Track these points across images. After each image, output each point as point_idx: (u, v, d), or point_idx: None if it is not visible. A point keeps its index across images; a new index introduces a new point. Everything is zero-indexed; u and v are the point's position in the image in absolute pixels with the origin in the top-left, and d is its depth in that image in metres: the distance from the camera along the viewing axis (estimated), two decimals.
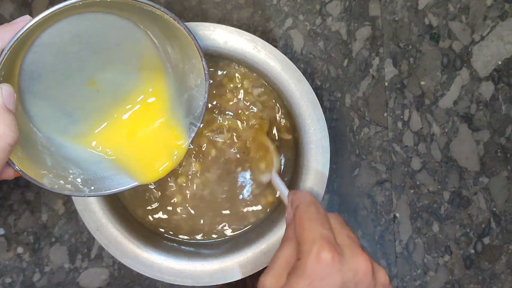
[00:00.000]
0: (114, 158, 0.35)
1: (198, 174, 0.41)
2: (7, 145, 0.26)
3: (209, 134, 0.41)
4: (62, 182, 0.32)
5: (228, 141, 0.41)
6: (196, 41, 0.32)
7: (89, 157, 0.35)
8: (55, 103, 0.33)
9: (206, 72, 0.34)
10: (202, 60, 0.33)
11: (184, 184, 0.41)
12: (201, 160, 0.41)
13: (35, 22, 0.27)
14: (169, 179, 0.41)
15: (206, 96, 0.35)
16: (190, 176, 0.41)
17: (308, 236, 0.29)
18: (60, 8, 0.27)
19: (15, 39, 0.27)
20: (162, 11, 0.30)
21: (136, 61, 0.35)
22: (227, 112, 0.41)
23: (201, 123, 0.36)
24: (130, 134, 0.36)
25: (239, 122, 0.41)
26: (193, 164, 0.41)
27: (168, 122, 0.36)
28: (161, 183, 0.41)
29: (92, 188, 0.33)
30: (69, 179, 0.33)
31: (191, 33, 0.32)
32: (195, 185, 0.41)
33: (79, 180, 0.33)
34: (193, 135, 0.36)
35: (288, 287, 0.28)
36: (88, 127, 0.35)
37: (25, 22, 0.27)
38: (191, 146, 0.40)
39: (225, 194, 0.41)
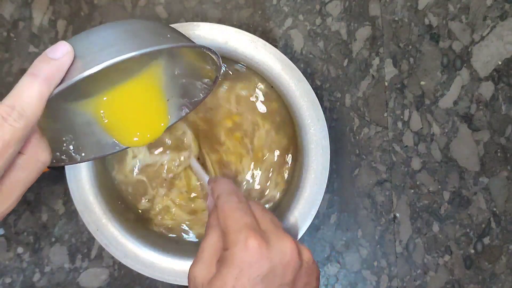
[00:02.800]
0: (107, 122, 0.36)
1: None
2: (44, 166, 0.27)
3: None
4: (58, 154, 0.33)
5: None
6: (220, 61, 0.32)
7: (84, 119, 0.35)
8: None
9: (218, 79, 0.34)
10: (219, 73, 0.33)
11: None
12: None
13: (88, 74, 0.26)
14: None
15: (208, 93, 0.35)
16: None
17: (233, 226, 0.29)
18: (117, 60, 0.26)
19: (62, 87, 0.26)
20: (205, 50, 0.30)
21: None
22: None
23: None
24: (123, 101, 0.36)
25: None
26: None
27: (158, 97, 0.36)
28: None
29: (83, 154, 0.34)
30: (63, 148, 0.33)
31: (220, 59, 0.32)
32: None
33: (71, 147, 0.33)
34: (183, 115, 0.36)
35: (219, 277, 0.28)
36: (88, 91, 0.35)
37: (67, 57, 0.26)
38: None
39: None
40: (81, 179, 0.38)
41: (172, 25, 0.38)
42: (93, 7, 0.44)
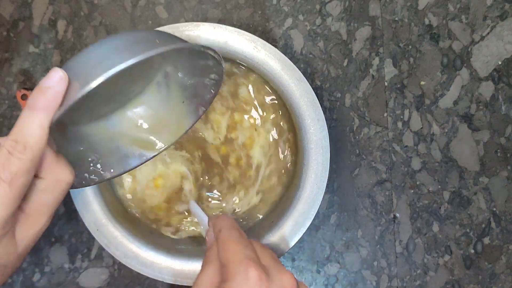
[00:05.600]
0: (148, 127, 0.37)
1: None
2: (67, 185, 0.30)
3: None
4: (86, 175, 0.34)
5: None
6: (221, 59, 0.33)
7: (106, 136, 0.36)
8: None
9: (223, 71, 0.34)
10: (222, 66, 0.34)
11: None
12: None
13: (83, 94, 0.26)
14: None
15: (219, 88, 0.36)
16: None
17: (234, 257, 0.29)
18: (110, 74, 0.26)
19: (60, 113, 0.27)
20: (198, 48, 0.31)
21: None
22: None
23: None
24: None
25: None
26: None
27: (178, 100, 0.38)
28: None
29: (112, 171, 0.35)
30: (91, 168, 0.34)
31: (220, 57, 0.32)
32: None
33: (99, 166, 0.35)
34: (201, 114, 0.37)
35: None
36: (104, 110, 0.36)
37: (61, 83, 0.27)
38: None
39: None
40: None
41: (171, 26, 0.38)
42: (93, 7, 0.44)
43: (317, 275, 0.45)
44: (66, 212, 0.44)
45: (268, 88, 0.41)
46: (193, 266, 0.38)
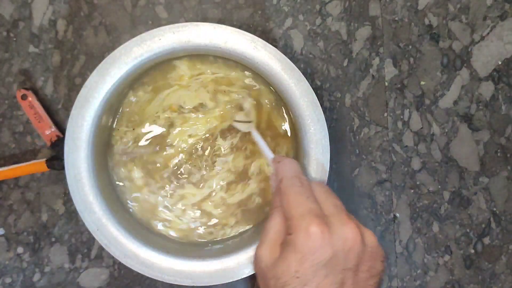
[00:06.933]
0: None
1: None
2: None
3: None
4: None
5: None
6: None
7: None
8: None
9: None
10: None
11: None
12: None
13: None
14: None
15: None
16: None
17: (296, 211, 0.30)
18: None
19: None
20: None
21: None
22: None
23: None
24: None
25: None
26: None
27: None
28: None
29: None
30: None
31: None
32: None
33: None
34: None
35: (283, 261, 0.29)
36: None
37: None
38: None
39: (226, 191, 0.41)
40: (81, 179, 0.38)
41: (171, 26, 0.38)
42: (93, 7, 0.44)
43: None
44: (66, 212, 0.44)
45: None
46: (193, 266, 0.38)
